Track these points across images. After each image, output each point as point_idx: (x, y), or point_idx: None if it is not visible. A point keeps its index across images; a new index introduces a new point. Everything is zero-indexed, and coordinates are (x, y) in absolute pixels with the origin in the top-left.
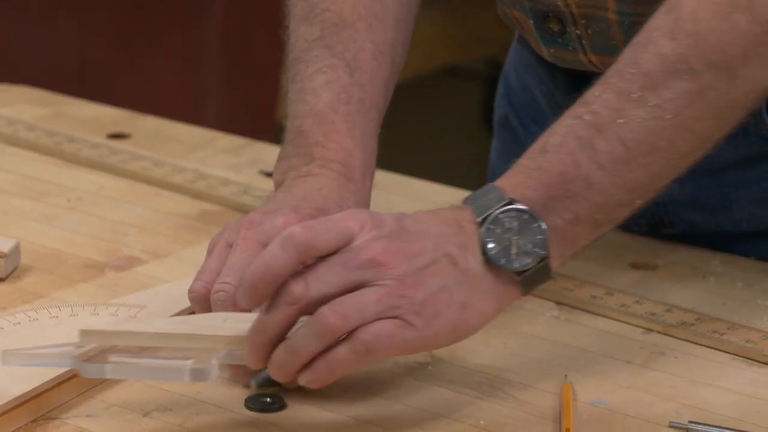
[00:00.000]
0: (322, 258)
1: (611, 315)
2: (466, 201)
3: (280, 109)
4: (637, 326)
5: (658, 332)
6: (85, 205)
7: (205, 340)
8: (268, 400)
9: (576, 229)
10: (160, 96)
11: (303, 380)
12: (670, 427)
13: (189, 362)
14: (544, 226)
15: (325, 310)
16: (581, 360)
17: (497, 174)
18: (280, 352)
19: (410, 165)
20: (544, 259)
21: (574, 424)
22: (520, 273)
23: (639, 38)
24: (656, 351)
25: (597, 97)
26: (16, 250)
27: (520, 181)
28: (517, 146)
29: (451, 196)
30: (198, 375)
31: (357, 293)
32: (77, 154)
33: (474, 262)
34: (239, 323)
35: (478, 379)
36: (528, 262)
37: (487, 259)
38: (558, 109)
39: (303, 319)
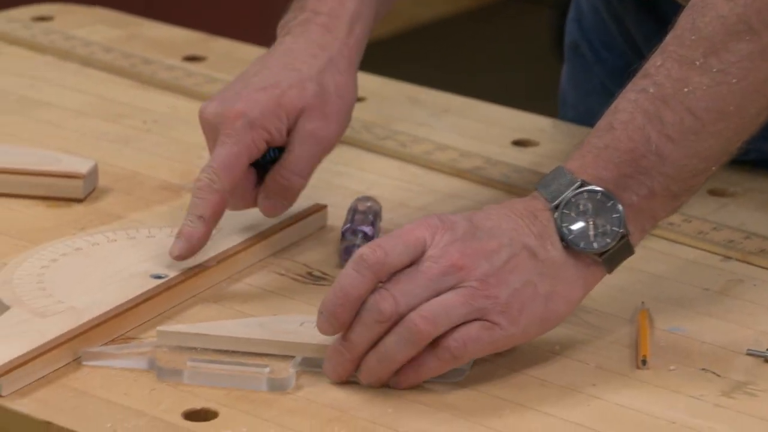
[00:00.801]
0: (401, 270)
1: (689, 242)
2: (538, 187)
3: None
4: (715, 253)
5: (737, 260)
6: (160, 128)
7: (284, 348)
8: None
9: (652, 203)
10: (228, 16)
11: (391, 383)
12: (748, 354)
13: (266, 370)
14: (619, 205)
15: (414, 317)
16: (658, 287)
17: (568, 100)
18: (371, 360)
19: (482, 90)
20: (624, 237)
21: (651, 350)
22: (601, 254)
23: (695, 1)
24: (734, 278)
25: (659, 68)
26: (94, 171)
27: (590, 161)
28: (586, 72)
29: (522, 120)
30: (276, 385)
31: (442, 297)
32: (153, 76)
33: (553, 249)
34: (315, 329)
35: None
36: (608, 242)
37: (566, 244)
38: (627, 35)
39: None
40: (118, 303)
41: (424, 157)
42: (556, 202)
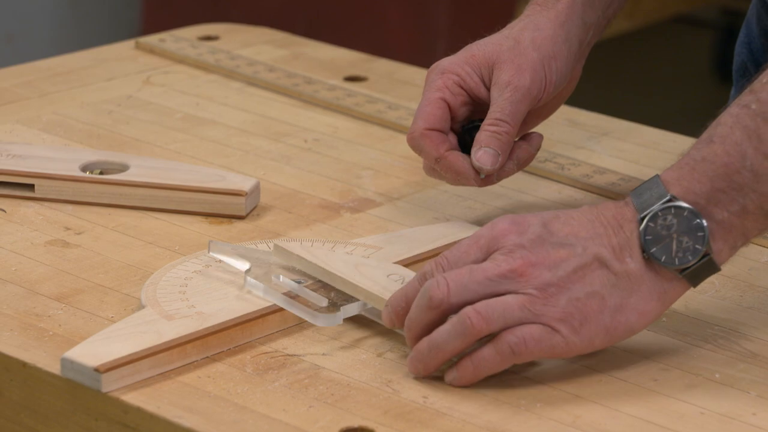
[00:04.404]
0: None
1: None
2: (631, 193)
3: None
4: None
5: None
6: (321, 146)
7: (356, 291)
8: None
9: (744, 221)
10: (389, 37)
11: (449, 379)
12: None
13: (323, 303)
14: (705, 223)
15: (469, 311)
16: None
17: None
18: (422, 346)
19: (641, 113)
20: (706, 256)
21: None
22: (682, 270)
23: None
24: None
25: (764, 85)
26: (256, 189)
27: (685, 174)
28: None
29: (682, 144)
30: (320, 318)
31: (501, 298)
32: (314, 95)
33: (632, 262)
34: (400, 285)
35: (713, 332)
36: (689, 259)
37: (647, 257)
38: None
39: None
40: (245, 312)
41: (583, 180)
42: (644, 213)
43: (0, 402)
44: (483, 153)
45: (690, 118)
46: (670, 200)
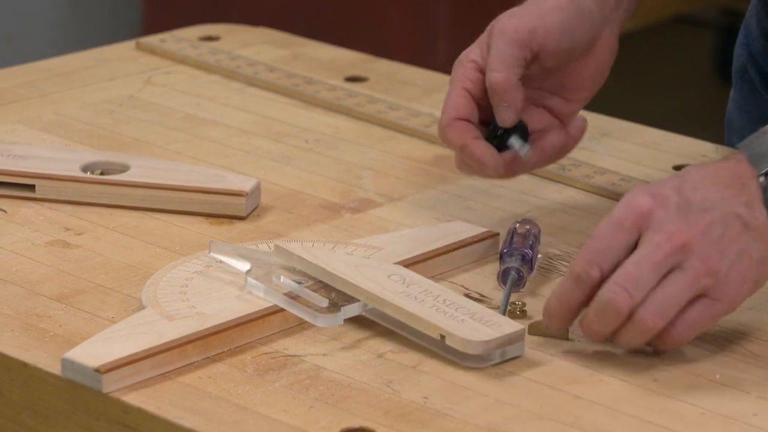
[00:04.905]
0: (625, 258)
1: None
2: (744, 150)
3: None
4: None
5: None
6: (321, 147)
7: (356, 292)
8: None
9: None
10: (389, 37)
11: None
12: None
13: (324, 304)
14: None
15: (644, 315)
16: None
17: (734, 125)
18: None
19: (641, 113)
20: None
21: None
22: None
23: None
24: None
25: None
26: (257, 189)
27: None
28: (755, 97)
29: (683, 144)
30: (320, 318)
31: (669, 286)
32: (315, 96)
33: (762, 216)
34: (401, 286)
35: (713, 333)
36: None
37: None
38: None
39: None
40: (246, 312)
41: (583, 180)
42: (764, 170)
43: (1, 402)
44: (499, 113)
45: (690, 119)
46: None
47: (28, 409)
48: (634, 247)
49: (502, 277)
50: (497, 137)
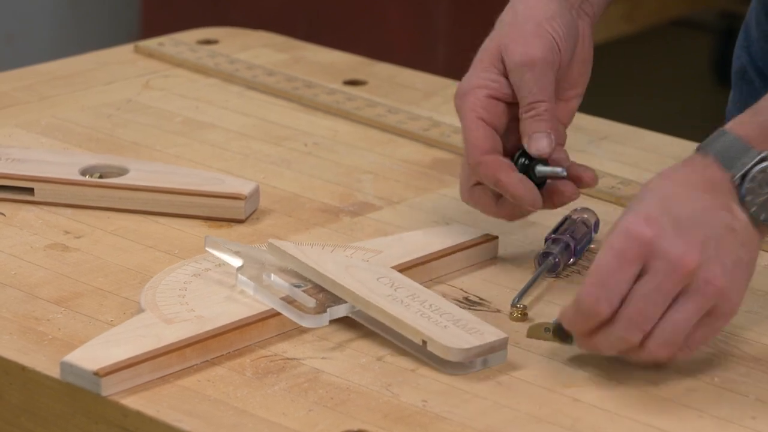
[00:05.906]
0: (632, 288)
1: None
2: (705, 149)
3: None
4: None
5: None
6: (321, 150)
7: (343, 293)
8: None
9: None
10: (389, 38)
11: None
12: None
13: (311, 304)
14: None
15: (654, 349)
16: None
17: None
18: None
19: (640, 116)
20: None
21: None
22: None
23: None
24: None
25: None
26: (256, 192)
27: (756, 130)
28: (754, 99)
29: (682, 148)
30: (306, 319)
31: (675, 314)
32: (314, 99)
33: (743, 216)
34: (388, 289)
35: None
36: None
37: (750, 215)
38: None
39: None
40: (245, 316)
41: None
42: (741, 173)
43: (0, 405)
44: (534, 140)
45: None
46: (764, 158)
47: (27, 412)
48: (639, 275)
49: (540, 259)
50: (525, 166)
